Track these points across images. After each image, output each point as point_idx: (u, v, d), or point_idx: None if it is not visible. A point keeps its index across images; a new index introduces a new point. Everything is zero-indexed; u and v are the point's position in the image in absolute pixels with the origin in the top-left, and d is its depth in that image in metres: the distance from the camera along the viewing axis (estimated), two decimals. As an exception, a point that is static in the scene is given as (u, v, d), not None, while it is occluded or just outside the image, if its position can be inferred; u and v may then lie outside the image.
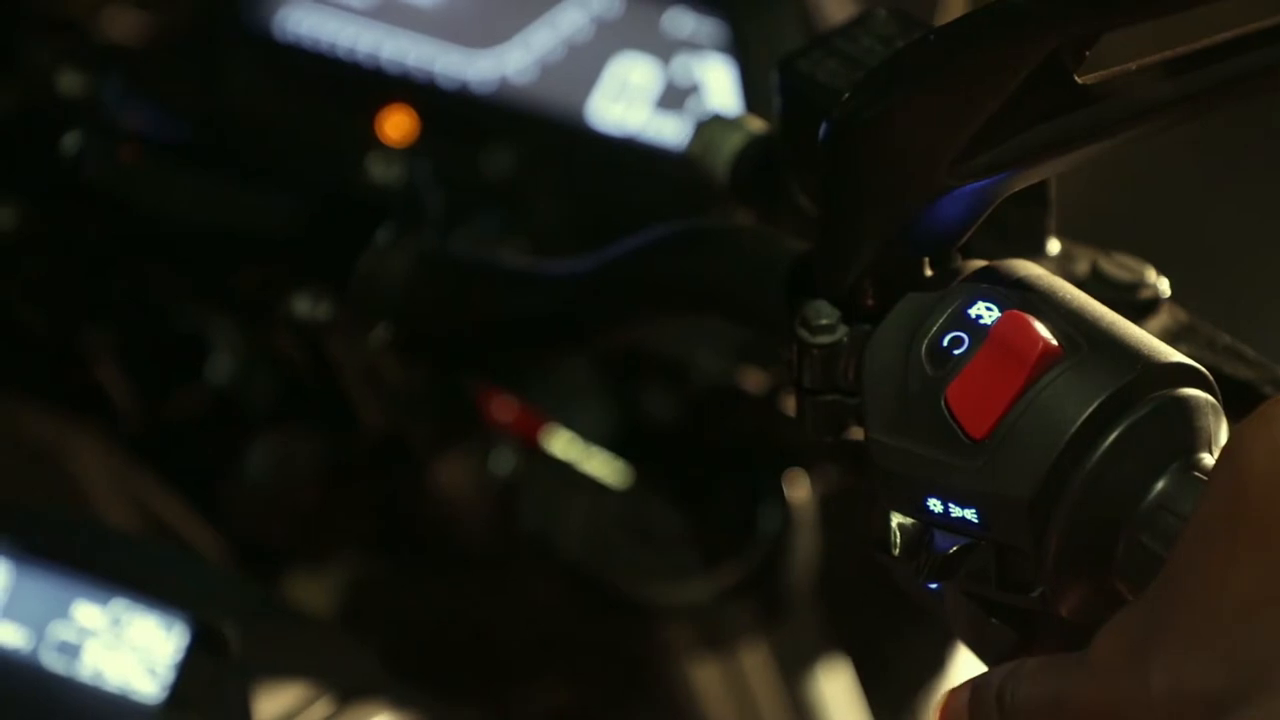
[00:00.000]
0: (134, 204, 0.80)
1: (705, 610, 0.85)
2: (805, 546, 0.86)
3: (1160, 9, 0.55)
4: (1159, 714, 0.51)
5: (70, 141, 0.80)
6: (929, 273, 0.61)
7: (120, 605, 0.75)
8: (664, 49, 0.91)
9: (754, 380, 0.82)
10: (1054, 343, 0.58)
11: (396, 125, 0.92)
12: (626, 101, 0.91)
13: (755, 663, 0.90)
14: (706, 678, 0.89)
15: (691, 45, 0.90)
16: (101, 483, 0.90)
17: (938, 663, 0.97)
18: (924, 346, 0.60)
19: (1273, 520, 0.52)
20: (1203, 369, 0.59)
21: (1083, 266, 0.68)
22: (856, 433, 0.63)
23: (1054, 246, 0.69)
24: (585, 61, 0.91)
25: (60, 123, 0.80)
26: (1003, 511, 0.58)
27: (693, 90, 0.90)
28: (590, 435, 0.85)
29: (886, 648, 0.96)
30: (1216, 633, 0.50)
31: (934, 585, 0.61)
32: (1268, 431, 0.54)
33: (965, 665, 0.97)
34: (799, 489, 0.85)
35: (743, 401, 0.83)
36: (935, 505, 0.59)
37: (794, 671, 0.92)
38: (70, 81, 0.81)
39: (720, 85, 0.90)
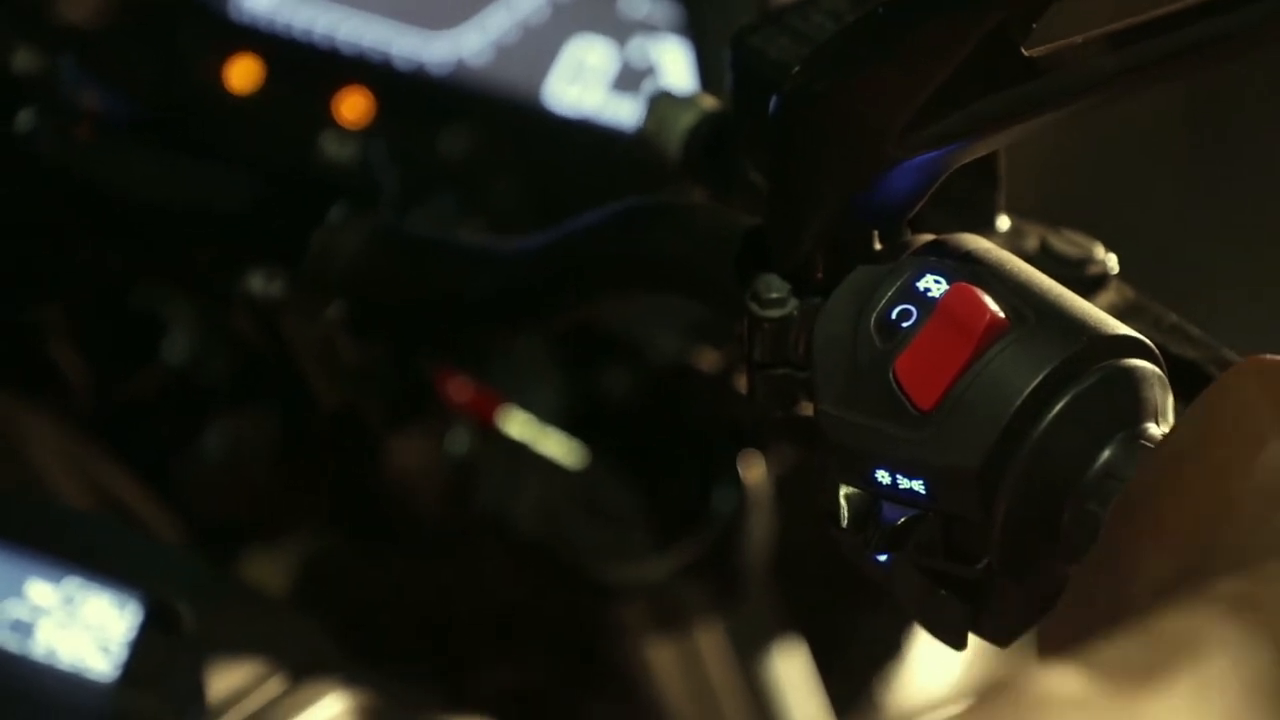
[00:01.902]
0: (89, 182, 0.80)
1: (660, 589, 0.85)
2: (760, 526, 0.86)
3: None
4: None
5: (25, 119, 0.80)
6: (879, 246, 0.62)
7: (73, 584, 0.75)
8: (620, 31, 0.91)
9: (709, 360, 0.82)
10: (1001, 315, 0.58)
11: (353, 106, 0.92)
12: (583, 83, 0.91)
13: (710, 642, 0.90)
14: (661, 656, 0.90)
15: (647, 27, 0.91)
16: (56, 462, 0.90)
17: (893, 642, 0.97)
18: (873, 319, 0.60)
19: (1194, 496, 0.52)
20: (1148, 341, 0.59)
21: (1032, 242, 0.69)
22: (807, 408, 0.63)
23: (1003, 223, 0.69)
24: (541, 43, 0.92)
25: (15, 101, 0.80)
26: (950, 482, 0.59)
27: (649, 72, 0.90)
28: (546, 415, 0.85)
29: (841, 627, 0.96)
30: (1133, 606, 0.51)
31: (883, 557, 0.62)
32: (1207, 404, 0.54)
33: (920, 644, 0.97)
34: (754, 469, 0.86)
35: (698, 382, 0.83)
36: (883, 477, 0.60)
37: (749, 650, 0.92)
38: (25, 60, 0.81)
39: (676, 67, 0.90)
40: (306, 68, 0.93)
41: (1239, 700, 0.47)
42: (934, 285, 0.60)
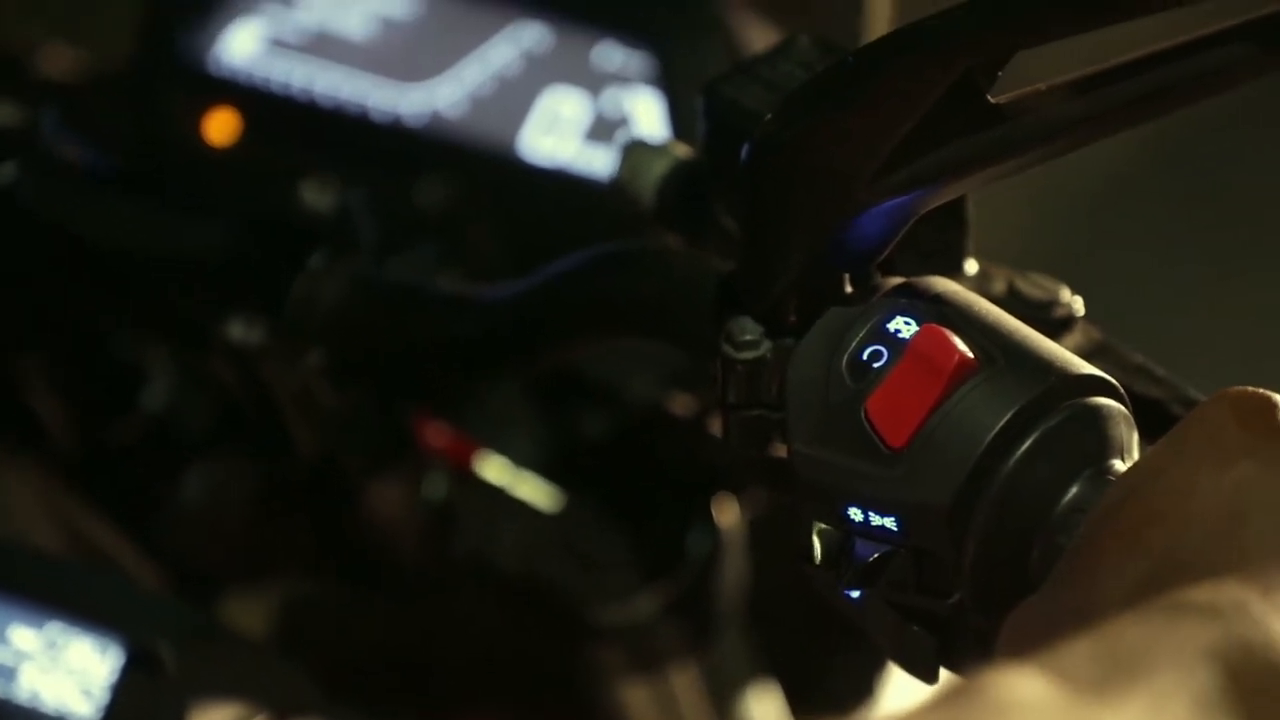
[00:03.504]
0: (71, 232, 0.81)
1: (637, 630, 0.86)
2: (734, 569, 0.87)
3: (1064, 31, 0.57)
4: None
5: (6, 171, 0.81)
6: (850, 289, 0.63)
7: (55, 629, 0.76)
8: (593, 82, 0.92)
9: (683, 405, 0.84)
10: (970, 355, 0.60)
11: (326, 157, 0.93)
12: (557, 134, 0.92)
13: (686, 681, 0.91)
14: (638, 696, 0.91)
15: (620, 78, 0.92)
16: (35, 510, 0.91)
17: (866, 684, 0.98)
18: (845, 360, 0.61)
19: (1162, 512, 0.54)
20: (1113, 381, 0.61)
21: (999, 286, 0.70)
22: (780, 449, 0.65)
23: (971, 267, 0.71)
24: (516, 95, 0.93)
25: None
26: (921, 518, 0.60)
27: (622, 122, 0.92)
28: (522, 460, 0.87)
29: (815, 667, 0.97)
30: (1095, 615, 0.52)
31: (855, 594, 0.63)
32: (1181, 429, 0.56)
33: (894, 686, 0.98)
34: (728, 513, 0.87)
35: (673, 426, 0.85)
36: (856, 514, 0.61)
37: (724, 690, 0.93)
38: (7, 113, 0.82)
39: (649, 117, 0.91)
40: (284, 120, 0.94)
41: (1189, 711, 0.49)
42: (904, 326, 0.61)
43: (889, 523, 0.60)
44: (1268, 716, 0.50)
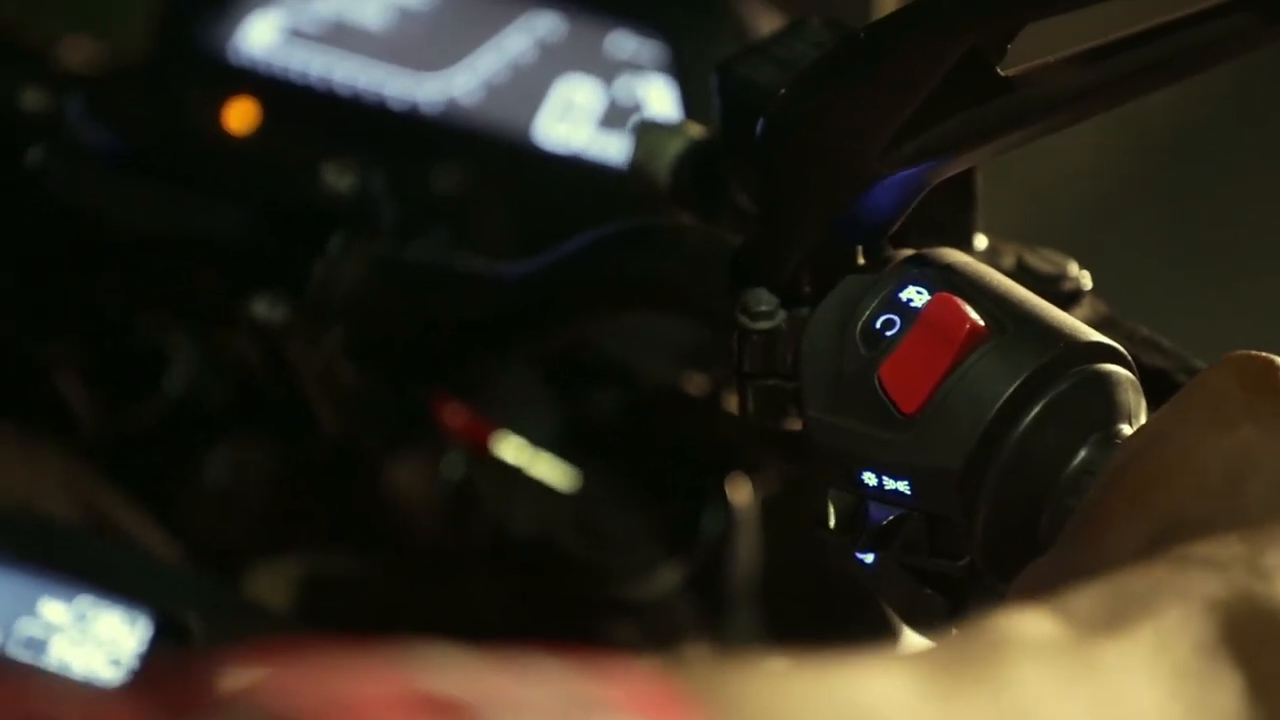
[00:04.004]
0: (95, 216, 0.82)
1: (651, 608, 0.88)
2: (747, 548, 0.89)
3: (1070, 4, 0.59)
4: None
5: (33, 156, 0.82)
6: (862, 261, 0.65)
7: (85, 601, 0.78)
8: (606, 70, 0.94)
9: (697, 385, 0.85)
10: (980, 323, 0.61)
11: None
12: (571, 121, 0.94)
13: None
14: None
15: (633, 66, 0.94)
16: (59, 493, 0.92)
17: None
18: (858, 328, 0.63)
19: (1168, 472, 0.56)
20: (1120, 348, 0.62)
21: (1008, 260, 0.72)
22: (795, 420, 0.66)
23: (981, 242, 0.72)
24: (530, 83, 0.95)
25: (24, 139, 0.83)
26: (933, 483, 0.61)
27: (635, 109, 0.93)
28: (538, 440, 0.88)
29: (824, 644, 0.98)
30: (1104, 569, 0.54)
31: (868, 558, 0.64)
32: (1187, 392, 0.58)
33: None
34: (741, 493, 0.89)
35: (687, 406, 0.86)
36: (869, 479, 0.63)
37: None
38: (33, 99, 0.83)
39: (661, 104, 0.93)
40: (302, 109, 0.96)
41: (1193, 653, 0.50)
42: (916, 296, 0.63)
43: (902, 487, 0.62)
44: (1267, 665, 0.51)
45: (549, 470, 0.88)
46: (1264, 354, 0.58)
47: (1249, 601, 0.52)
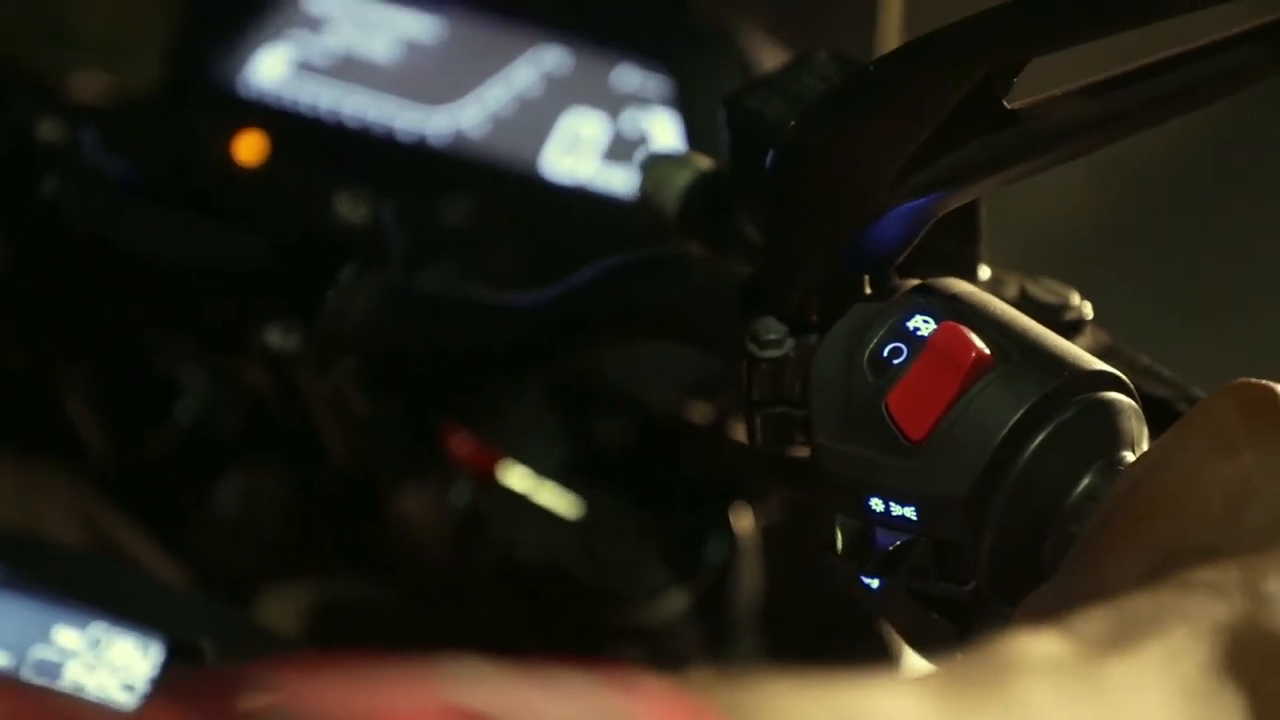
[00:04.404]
0: (110, 245, 0.83)
1: (655, 634, 0.89)
2: (750, 575, 0.90)
3: (1076, 39, 0.60)
4: None
5: (49, 185, 0.83)
6: (869, 291, 0.66)
7: (99, 628, 0.78)
8: (612, 103, 0.95)
9: (703, 413, 0.86)
10: (986, 351, 0.63)
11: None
12: (577, 153, 0.95)
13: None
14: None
15: (638, 99, 0.95)
16: (69, 521, 0.93)
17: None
18: (866, 357, 0.64)
19: (1170, 499, 0.57)
20: (1123, 376, 0.63)
21: (1011, 290, 0.73)
22: (802, 450, 0.67)
23: (985, 272, 0.73)
24: (537, 116, 0.96)
25: (41, 168, 0.84)
26: (940, 509, 0.62)
27: (641, 142, 0.95)
28: (545, 468, 0.89)
29: (826, 670, 0.99)
30: (1108, 595, 0.55)
31: (875, 583, 0.65)
32: (1188, 420, 0.59)
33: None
34: (746, 520, 0.90)
35: (692, 434, 0.87)
36: (877, 505, 0.64)
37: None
38: (49, 129, 0.85)
39: (666, 137, 0.94)
40: (311, 141, 0.97)
41: (1198, 674, 0.51)
42: (923, 325, 0.64)
43: (908, 513, 0.63)
44: (1271, 687, 0.52)
45: (554, 498, 0.89)
46: (1264, 382, 0.59)
47: (1252, 625, 0.53)
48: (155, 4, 1.01)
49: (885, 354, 0.64)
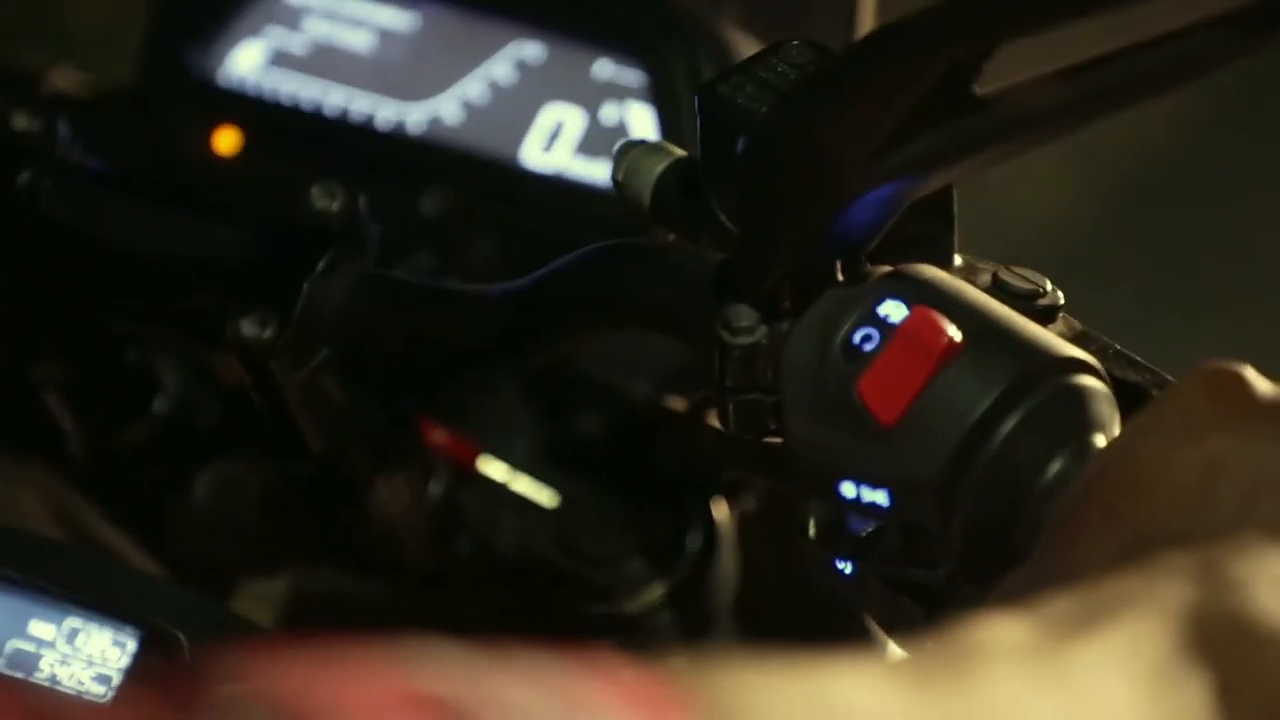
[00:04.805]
0: (86, 237, 0.83)
1: (633, 624, 0.89)
2: (729, 564, 0.90)
3: (1045, 25, 0.60)
4: None
5: (23, 178, 0.83)
6: (841, 277, 0.66)
7: (74, 620, 0.78)
8: (590, 96, 0.95)
9: (681, 402, 0.86)
10: (957, 336, 0.63)
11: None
12: (555, 146, 0.95)
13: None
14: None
15: (616, 92, 0.95)
16: (44, 515, 0.93)
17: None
18: (837, 342, 0.64)
19: (1139, 483, 0.57)
20: (1095, 361, 0.64)
21: (984, 278, 0.73)
22: (776, 434, 0.67)
23: (957, 260, 0.73)
24: (515, 109, 0.96)
25: (14, 160, 0.84)
26: (911, 493, 0.63)
27: (618, 134, 0.95)
28: (522, 459, 0.89)
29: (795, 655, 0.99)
30: (1078, 579, 0.55)
31: (847, 568, 0.66)
32: (1158, 404, 0.59)
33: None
34: (724, 510, 0.90)
35: (669, 425, 0.87)
36: (849, 490, 0.64)
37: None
38: (24, 120, 0.84)
39: (644, 129, 0.94)
40: (288, 134, 0.97)
41: (1163, 656, 0.52)
42: (894, 310, 0.64)
43: (880, 497, 0.63)
44: (1235, 670, 0.53)
45: (532, 489, 0.89)
46: (1231, 365, 0.60)
47: (1217, 609, 0.53)
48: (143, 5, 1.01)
49: (857, 340, 0.64)
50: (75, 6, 2.09)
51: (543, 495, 0.89)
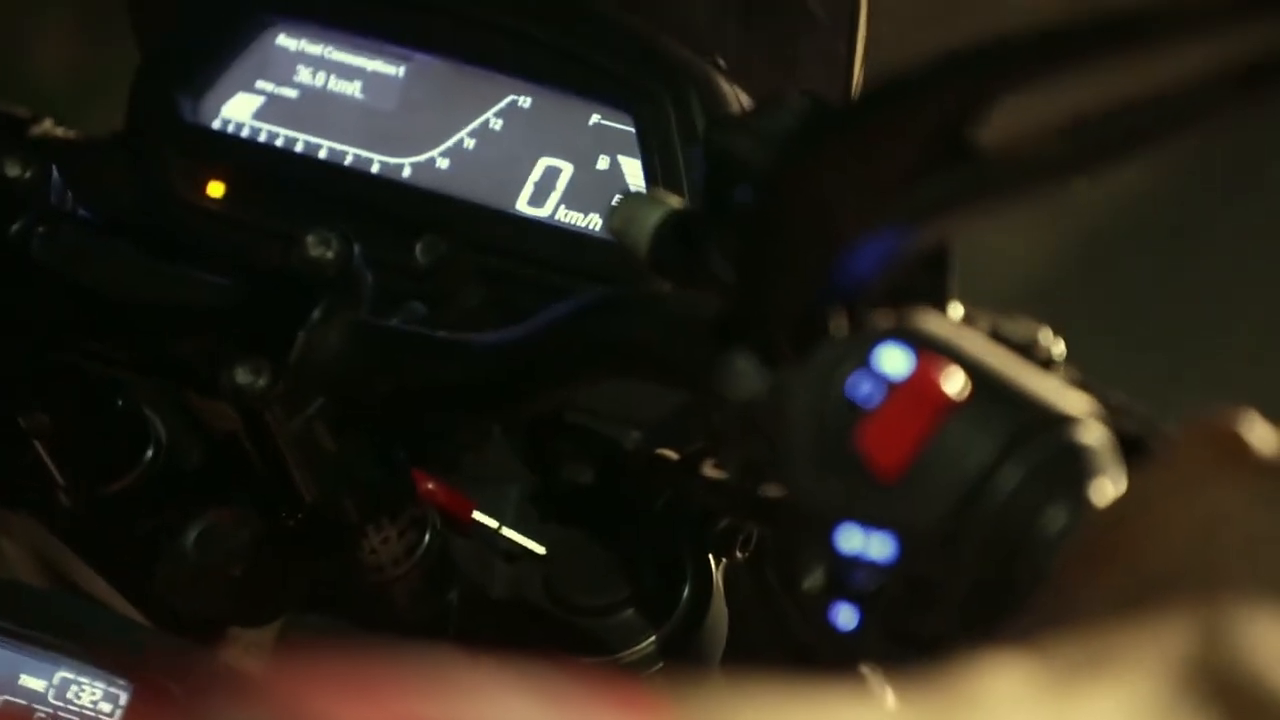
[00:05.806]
0: (77, 284, 0.83)
1: (625, 672, 0.88)
2: (718, 613, 0.90)
3: (1039, 77, 0.60)
4: None
5: (16, 224, 0.83)
6: (841, 326, 0.66)
7: (65, 672, 0.78)
8: (582, 147, 0.95)
9: (676, 451, 0.86)
10: (961, 387, 0.63)
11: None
12: (550, 199, 0.95)
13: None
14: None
15: (608, 143, 0.95)
16: (30, 565, 0.93)
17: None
18: (838, 392, 0.64)
19: (1140, 534, 0.57)
20: (1096, 413, 0.64)
21: (982, 327, 0.73)
22: (775, 484, 0.67)
23: (955, 309, 0.73)
24: (508, 160, 0.96)
25: (6, 206, 0.83)
26: (913, 544, 0.62)
27: (610, 184, 0.95)
28: (515, 507, 0.89)
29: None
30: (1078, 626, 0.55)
31: (845, 622, 0.65)
32: (1159, 458, 0.59)
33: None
34: (718, 559, 0.90)
35: (663, 475, 0.87)
36: (849, 542, 0.64)
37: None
38: (16, 168, 0.84)
39: (635, 179, 0.94)
40: (278, 185, 0.97)
41: (1167, 704, 0.52)
42: (896, 360, 0.64)
43: (882, 549, 0.63)
44: None
45: (524, 539, 0.89)
46: (1234, 414, 0.60)
47: (1218, 662, 0.53)
48: (120, 63, 1.01)
49: (858, 389, 0.64)
50: (39, 57, 2.09)
51: (534, 545, 0.89)
